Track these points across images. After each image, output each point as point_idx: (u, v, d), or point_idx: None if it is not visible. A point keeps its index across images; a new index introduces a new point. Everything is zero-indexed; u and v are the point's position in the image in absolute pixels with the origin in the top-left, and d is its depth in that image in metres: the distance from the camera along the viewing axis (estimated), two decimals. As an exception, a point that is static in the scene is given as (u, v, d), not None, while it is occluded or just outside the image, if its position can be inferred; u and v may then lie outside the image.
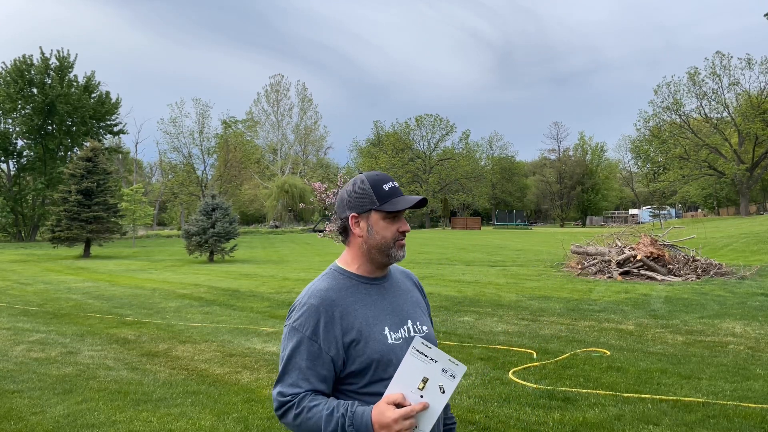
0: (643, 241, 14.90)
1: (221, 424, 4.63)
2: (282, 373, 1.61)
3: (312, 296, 1.64)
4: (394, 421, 1.43)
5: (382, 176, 1.72)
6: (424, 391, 1.48)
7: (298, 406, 1.55)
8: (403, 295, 1.78)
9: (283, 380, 1.60)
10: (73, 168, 28.65)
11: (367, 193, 1.68)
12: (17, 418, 4.79)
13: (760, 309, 9.41)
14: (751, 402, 4.82)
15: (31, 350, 7.34)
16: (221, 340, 7.78)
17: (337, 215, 1.74)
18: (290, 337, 1.63)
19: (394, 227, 1.68)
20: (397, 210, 1.66)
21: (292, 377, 1.59)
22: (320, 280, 1.71)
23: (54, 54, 47.08)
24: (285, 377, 1.60)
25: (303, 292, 1.70)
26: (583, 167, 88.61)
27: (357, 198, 1.69)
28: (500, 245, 31.08)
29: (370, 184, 1.69)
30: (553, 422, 4.49)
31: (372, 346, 1.60)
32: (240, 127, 71.45)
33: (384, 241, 1.67)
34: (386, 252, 1.69)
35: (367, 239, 1.68)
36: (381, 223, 1.67)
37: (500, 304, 10.53)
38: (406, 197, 1.70)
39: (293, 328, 1.62)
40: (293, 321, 1.63)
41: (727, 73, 57.48)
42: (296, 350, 1.59)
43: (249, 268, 19.69)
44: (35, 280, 16.36)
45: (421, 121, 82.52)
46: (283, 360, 1.62)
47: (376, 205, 1.67)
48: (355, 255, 1.73)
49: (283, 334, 1.67)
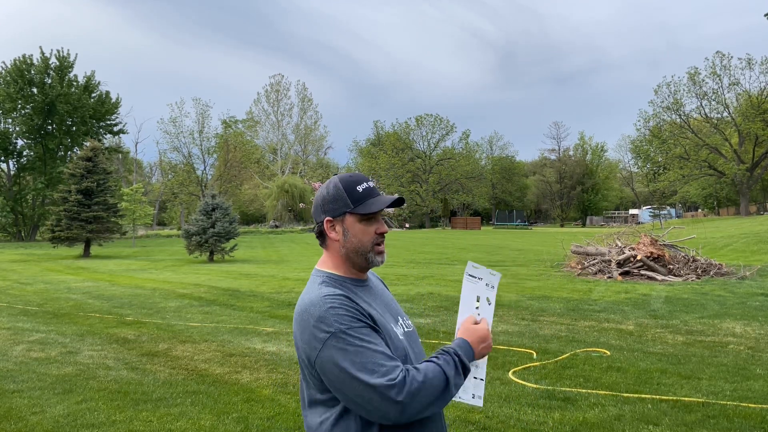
0: (643, 241, 14.90)
1: (221, 423, 4.62)
2: (368, 371, 1.42)
3: (328, 299, 1.53)
4: (487, 333, 1.65)
5: (357, 177, 1.68)
6: (479, 308, 1.73)
7: (417, 375, 1.44)
8: (382, 294, 1.78)
9: (375, 372, 1.41)
10: (73, 168, 28.65)
11: (341, 195, 1.63)
12: (17, 417, 4.79)
13: (760, 309, 9.41)
14: (751, 402, 4.82)
15: (31, 350, 7.34)
16: (221, 340, 7.78)
17: (314, 219, 1.70)
18: (343, 342, 1.45)
19: (371, 229, 1.65)
20: (372, 212, 1.62)
21: (381, 361, 1.43)
22: (321, 288, 1.60)
23: (54, 54, 47.10)
24: (374, 368, 1.42)
25: (312, 303, 1.54)
26: (583, 167, 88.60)
27: (331, 201, 1.65)
28: (500, 245, 31.08)
29: (343, 186, 1.64)
30: (553, 422, 4.48)
31: (396, 342, 1.58)
32: (240, 127, 71.48)
33: (361, 244, 1.64)
34: (364, 256, 1.65)
35: (344, 243, 1.64)
36: (357, 225, 1.64)
37: (500, 303, 10.52)
38: (381, 197, 1.67)
39: (340, 331, 1.46)
40: (333, 327, 1.46)
41: (727, 73, 57.52)
42: (360, 343, 1.45)
43: (249, 267, 19.69)
44: (35, 280, 16.36)
45: (421, 121, 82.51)
46: (354, 364, 1.43)
47: (350, 208, 1.63)
48: (335, 259, 1.68)
49: (330, 349, 1.46)
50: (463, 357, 1.55)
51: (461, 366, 1.54)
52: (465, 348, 1.58)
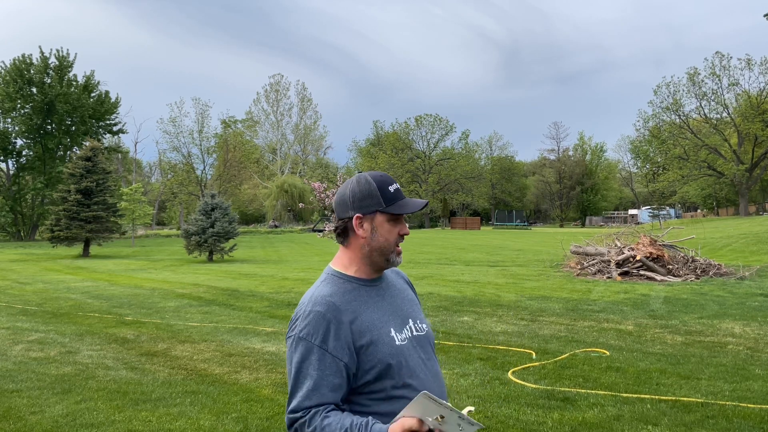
0: (642, 242, 14.90)
1: (220, 423, 4.62)
2: (292, 389, 1.53)
3: (316, 303, 1.58)
4: None
5: (387, 177, 1.69)
6: (443, 424, 1.38)
7: (310, 424, 1.48)
8: (399, 294, 1.77)
9: (294, 395, 1.52)
10: (73, 167, 28.65)
11: (374, 194, 1.64)
12: (16, 417, 4.79)
13: (760, 309, 9.42)
14: (750, 402, 4.82)
15: (30, 350, 7.33)
16: (220, 340, 7.78)
17: (337, 215, 1.69)
18: (297, 348, 1.55)
19: (396, 230, 1.66)
20: (405, 213, 1.64)
21: (303, 391, 1.51)
22: (321, 287, 1.65)
23: (53, 53, 47.11)
24: (296, 392, 1.52)
25: (304, 301, 1.63)
26: (583, 167, 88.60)
27: (362, 198, 1.64)
28: (500, 245, 31.09)
29: (376, 185, 1.65)
30: (552, 422, 4.49)
31: (383, 350, 1.58)
32: (239, 127, 71.47)
33: (387, 243, 1.65)
34: (386, 255, 1.66)
35: (369, 241, 1.65)
36: (386, 225, 1.65)
37: (499, 304, 10.52)
38: (411, 200, 1.69)
39: (300, 338, 1.55)
40: (299, 331, 1.56)
41: (726, 74, 57.49)
42: (305, 361, 1.53)
43: (248, 267, 19.68)
44: (34, 280, 16.35)
45: (420, 121, 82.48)
46: (291, 374, 1.55)
47: (382, 207, 1.63)
48: (353, 257, 1.68)
49: (288, 348, 1.59)
50: None
51: None
52: None
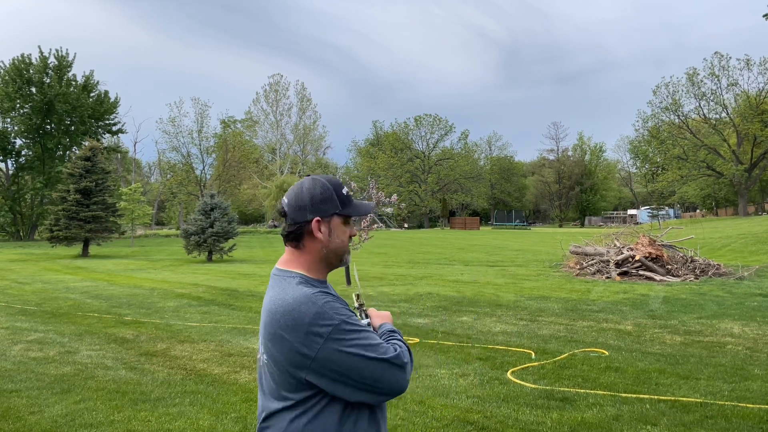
0: (641, 242, 14.91)
1: (219, 423, 4.62)
2: (375, 350, 1.54)
3: (318, 298, 1.57)
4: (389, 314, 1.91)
5: (338, 180, 1.76)
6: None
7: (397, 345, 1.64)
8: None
9: (377, 349, 1.55)
10: (72, 167, 28.61)
11: (332, 197, 1.69)
12: (15, 417, 4.79)
13: (759, 309, 9.43)
14: (749, 402, 4.83)
15: (29, 350, 7.33)
16: (220, 340, 7.78)
17: (291, 219, 1.67)
18: (345, 333, 1.53)
19: (348, 231, 1.74)
20: (360, 215, 1.75)
21: (377, 341, 1.58)
22: (302, 287, 1.60)
23: (53, 53, 47.02)
24: (377, 347, 1.55)
25: (303, 306, 1.55)
26: (582, 167, 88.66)
27: (322, 202, 1.67)
28: (499, 245, 31.09)
29: (333, 187, 1.70)
30: (551, 422, 4.49)
31: None
32: (239, 127, 71.40)
33: (342, 245, 1.72)
34: (341, 256, 1.73)
35: (328, 244, 1.69)
36: (341, 227, 1.71)
37: (499, 304, 10.53)
38: (362, 203, 1.78)
39: (337, 327, 1.52)
40: (336, 321, 1.53)
41: (725, 74, 57.57)
42: (360, 328, 1.57)
43: (248, 267, 19.68)
44: (33, 280, 16.34)
45: (420, 121, 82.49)
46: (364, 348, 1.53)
47: (339, 210, 1.69)
48: (310, 260, 1.68)
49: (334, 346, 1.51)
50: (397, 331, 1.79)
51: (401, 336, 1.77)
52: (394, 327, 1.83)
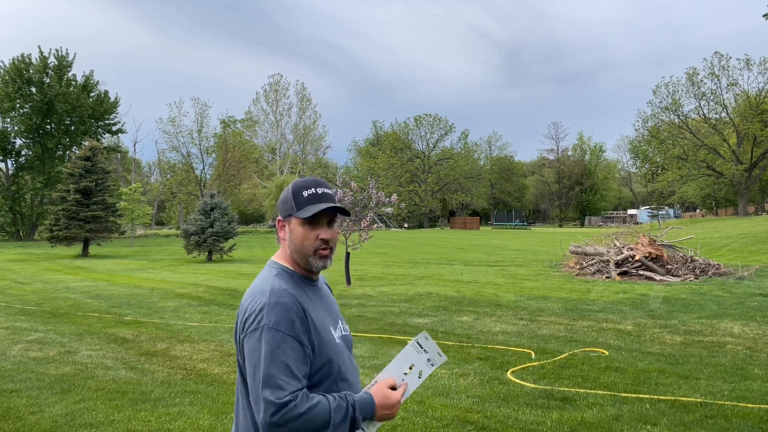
0: (641, 242, 14.91)
1: (219, 423, 4.62)
2: (266, 376, 1.51)
3: (281, 295, 1.61)
4: (397, 402, 1.65)
5: (307, 182, 1.74)
6: (408, 377, 1.69)
7: (302, 405, 1.50)
8: (327, 296, 1.86)
9: (271, 382, 1.50)
10: (72, 167, 28.62)
11: (289, 199, 1.72)
12: (15, 417, 4.79)
13: (758, 309, 9.43)
14: (749, 402, 4.83)
15: (29, 349, 7.33)
16: (219, 340, 7.78)
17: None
18: (267, 339, 1.54)
19: (313, 234, 1.69)
20: (308, 216, 1.67)
21: (282, 377, 1.51)
22: (275, 279, 1.67)
23: (52, 53, 47.02)
24: (272, 379, 1.51)
25: (261, 292, 1.63)
26: (582, 167, 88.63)
27: (283, 203, 1.75)
28: (499, 245, 31.09)
29: (292, 190, 1.73)
30: (551, 422, 4.49)
31: (329, 347, 1.66)
32: (239, 127, 71.36)
33: (302, 247, 1.71)
34: (306, 258, 1.71)
35: (289, 243, 1.73)
36: (299, 229, 1.70)
37: (499, 304, 10.53)
38: (322, 204, 1.69)
39: (270, 328, 1.55)
40: (268, 322, 1.55)
41: (725, 74, 57.56)
42: (278, 349, 1.53)
43: (247, 267, 19.68)
44: (33, 280, 16.34)
45: (420, 121, 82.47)
46: (262, 364, 1.52)
47: (293, 211, 1.71)
48: (288, 255, 1.75)
49: (253, 340, 1.56)
50: (358, 412, 1.58)
51: (351, 419, 1.56)
52: (367, 406, 1.61)
